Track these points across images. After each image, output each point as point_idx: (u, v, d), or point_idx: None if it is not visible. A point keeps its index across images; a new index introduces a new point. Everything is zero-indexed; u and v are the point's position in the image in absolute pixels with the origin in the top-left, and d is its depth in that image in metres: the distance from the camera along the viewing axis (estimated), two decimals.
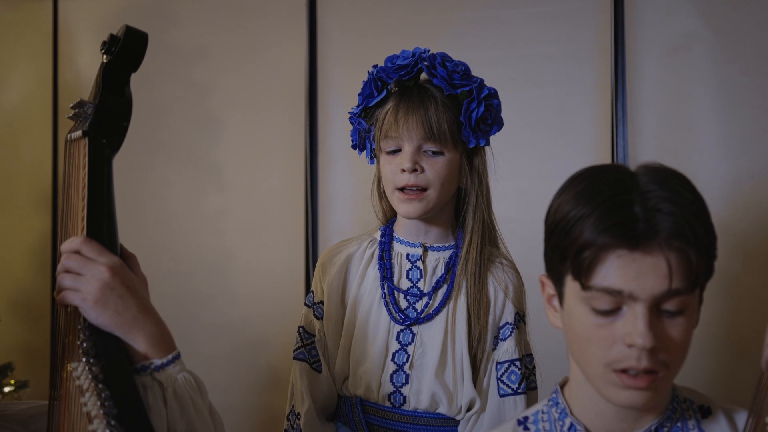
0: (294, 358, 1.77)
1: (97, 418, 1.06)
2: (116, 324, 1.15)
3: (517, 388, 1.65)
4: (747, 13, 2.61)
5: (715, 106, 2.65)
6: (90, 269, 1.16)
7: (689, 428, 1.17)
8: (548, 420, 1.22)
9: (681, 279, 1.05)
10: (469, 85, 1.66)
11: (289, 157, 3.03)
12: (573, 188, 1.13)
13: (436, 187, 1.65)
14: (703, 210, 1.09)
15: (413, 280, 1.72)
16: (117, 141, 1.26)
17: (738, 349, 2.52)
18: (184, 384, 1.18)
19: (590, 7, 2.75)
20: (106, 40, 1.26)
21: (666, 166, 1.12)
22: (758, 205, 2.58)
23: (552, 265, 1.17)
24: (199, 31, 3.14)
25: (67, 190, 1.25)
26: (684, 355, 1.09)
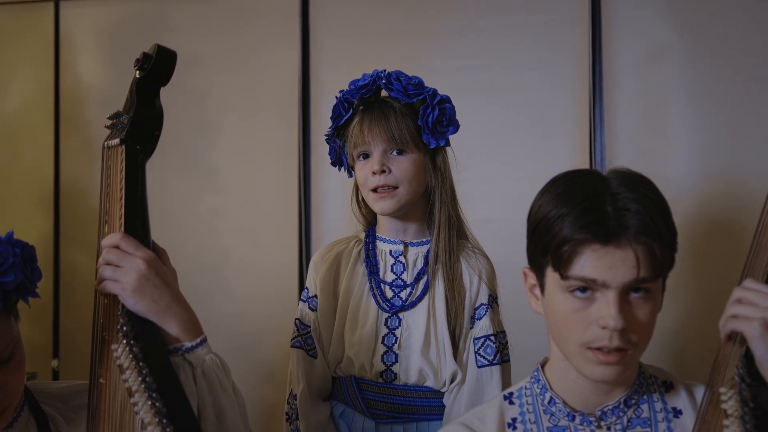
0: (291, 346, 1.94)
1: (138, 392, 1.20)
2: (152, 311, 1.29)
3: (493, 360, 1.83)
4: (716, 26, 2.75)
5: (686, 112, 2.79)
6: (128, 262, 1.30)
7: (654, 401, 1.33)
8: (531, 395, 1.37)
9: (647, 269, 1.20)
10: (422, 94, 1.85)
11: (282, 159, 3.13)
12: (553, 190, 1.28)
13: (404, 185, 1.83)
14: (666, 210, 1.25)
15: (397, 273, 1.89)
16: (150, 148, 1.40)
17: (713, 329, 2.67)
18: (212, 364, 1.32)
19: (569, 18, 2.87)
20: (140, 58, 1.40)
21: (633, 171, 1.29)
22: (725, 201, 2.73)
23: (534, 258, 1.32)
24: (194, 38, 3.22)
25: (106, 191, 1.39)
26: (649, 335, 1.24)
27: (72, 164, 3.35)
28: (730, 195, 2.71)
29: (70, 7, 3.37)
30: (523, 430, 1.33)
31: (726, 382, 1.17)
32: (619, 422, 1.29)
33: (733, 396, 1.14)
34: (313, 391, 1.92)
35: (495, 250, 2.00)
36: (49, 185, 3.37)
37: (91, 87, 3.35)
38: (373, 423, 1.87)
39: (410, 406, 1.86)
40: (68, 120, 3.36)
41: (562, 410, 1.32)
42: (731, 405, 1.13)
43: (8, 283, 1.20)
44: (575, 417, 1.31)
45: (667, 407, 1.32)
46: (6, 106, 3.43)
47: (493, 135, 2.90)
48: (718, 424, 1.13)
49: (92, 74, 3.35)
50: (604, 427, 1.29)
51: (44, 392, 1.41)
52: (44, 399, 1.39)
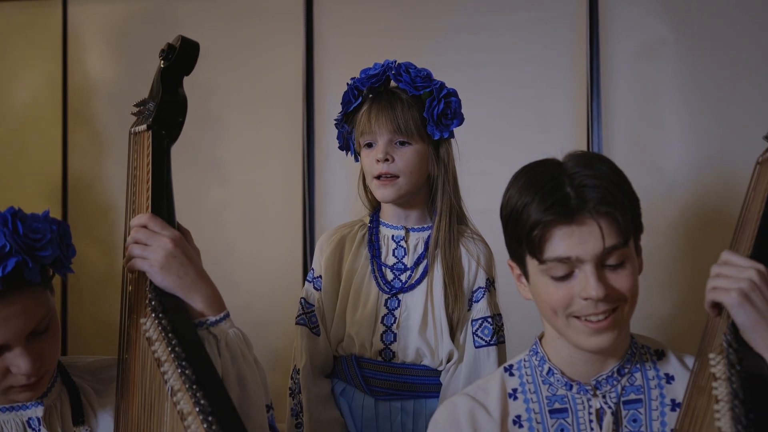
0: (296, 323, 2.03)
1: (167, 362, 1.28)
2: (178, 286, 1.38)
3: (490, 340, 1.91)
4: (709, 22, 2.84)
5: (680, 106, 2.88)
6: (156, 240, 1.38)
7: (647, 369, 1.41)
8: (530, 366, 1.45)
9: (613, 237, 1.28)
10: (430, 87, 1.92)
11: (287, 152, 3.21)
12: (516, 183, 1.38)
13: (406, 174, 1.90)
14: (622, 179, 1.33)
15: (398, 257, 1.97)
16: (175, 134, 1.48)
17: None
18: (235, 337, 1.40)
19: (567, 15, 2.96)
20: (164, 48, 1.47)
21: (587, 152, 1.37)
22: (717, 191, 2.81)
23: (513, 250, 1.41)
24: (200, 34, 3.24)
25: (133, 174, 1.47)
26: (635, 295, 1.33)
27: (80, 158, 3.42)
28: (723, 185, 2.80)
29: (77, 4, 3.44)
30: (523, 399, 1.42)
31: (714, 349, 1.25)
32: (614, 390, 1.38)
33: (721, 360, 1.21)
34: (316, 367, 2.00)
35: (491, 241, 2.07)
36: (57, 179, 3.43)
37: (98, 82, 3.42)
38: (372, 400, 1.95)
39: (408, 383, 1.94)
40: (76, 115, 3.43)
41: (560, 380, 1.40)
42: (719, 369, 1.21)
43: (46, 258, 1.28)
44: (572, 386, 1.39)
45: (659, 374, 1.40)
46: (15, 101, 3.49)
47: (493, 129, 2.97)
48: (707, 387, 1.21)
49: (99, 70, 3.43)
50: (599, 395, 1.38)
51: (74, 366, 1.49)
52: (75, 372, 1.47)
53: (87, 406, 1.43)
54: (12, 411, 1.38)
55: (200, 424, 1.19)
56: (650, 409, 1.37)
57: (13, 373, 1.30)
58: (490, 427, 1.39)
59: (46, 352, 1.33)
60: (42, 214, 1.31)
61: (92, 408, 1.44)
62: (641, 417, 1.37)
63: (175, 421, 1.24)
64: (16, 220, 1.24)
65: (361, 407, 1.96)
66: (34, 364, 1.29)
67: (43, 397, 1.39)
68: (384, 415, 1.94)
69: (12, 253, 1.23)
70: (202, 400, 1.20)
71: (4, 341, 1.26)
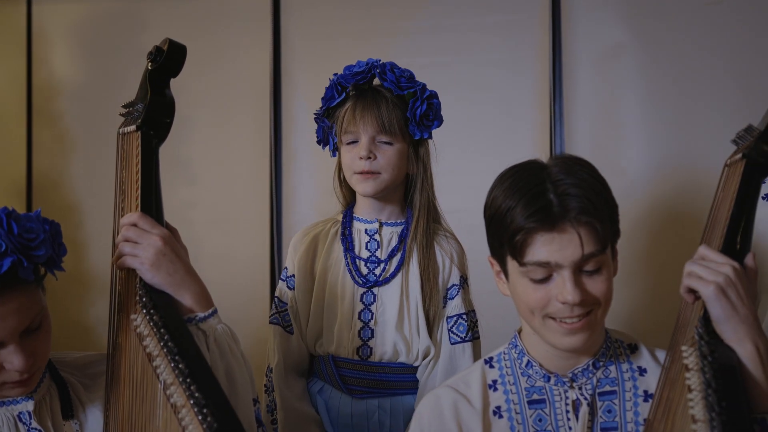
0: (270, 322, 2.06)
1: (159, 357, 1.32)
2: (168, 283, 1.41)
3: (465, 337, 1.96)
4: (668, 27, 2.91)
5: (641, 108, 2.95)
6: (146, 239, 1.42)
7: (621, 362, 1.48)
8: (509, 359, 1.51)
9: (592, 245, 1.34)
10: (413, 88, 1.97)
11: (254, 153, 3.22)
12: (501, 185, 1.43)
13: (387, 171, 1.95)
14: (603, 188, 1.39)
15: (371, 250, 2.01)
16: (163, 134, 1.52)
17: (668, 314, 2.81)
18: (223, 333, 1.44)
19: (530, 19, 3.02)
20: (152, 51, 1.51)
21: (573, 156, 1.44)
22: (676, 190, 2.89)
23: (494, 249, 1.47)
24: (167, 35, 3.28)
25: (121, 174, 1.50)
26: (609, 299, 1.39)
27: (44, 157, 3.41)
28: (682, 184, 2.88)
29: (42, 3, 3.42)
30: (503, 390, 1.47)
31: (686, 341, 1.32)
32: (590, 382, 1.44)
33: (693, 352, 1.28)
34: (288, 366, 2.02)
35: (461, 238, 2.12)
36: (21, 178, 3.41)
37: (63, 81, 3.41)
38: (349, 398, 1.98)
39: (384, 381, 1.98)
40: (40, 113, 3.41)
41: (538, 372, 1.46)
42: (692, 360, 1.27)
43: (40, 257, 1.30)
44: (550, 378, 1.45)
45: (632, 367, 1.47)
46: None
47: (459, 129, 3.02)
48: (680, 378, 1.28)
49: (64, 69, 3.42)
50: (576, 387, 1.44)
51: (62, 361, 1.51)
52: (62, 367, 1.50)
53: (75, 400, 1.46)
54: (2, 406, 1.40)
55: (194, 416, 1.22)
56: (624, 400, 1.44)
57: (7, 369, 1.32)
58: (472, 417, 1.45)
59: (39, 349, 1.35)
60: (34, 214, 1.33)
61: (81, 402, 1.47)
62: (615, 408, 1.43)
63: (168, 414, 1.27)
64: (10, 220, 1.27)
65: (338, 405, 1.99)
66: (27, 360, 1.32)
67: (33, 392, 1.41)
68: (361, 413, 1.98)
69: (8, 253, 1.25)
70: (196, 393, 1.23)
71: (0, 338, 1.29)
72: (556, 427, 1.43)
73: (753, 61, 2.84)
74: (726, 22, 2.87)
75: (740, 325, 1.28)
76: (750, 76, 2.84)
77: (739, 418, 1.15)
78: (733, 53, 2.86)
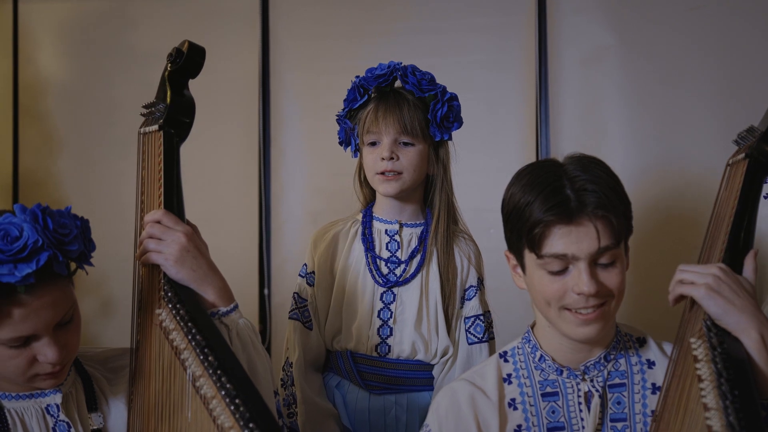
0: (289, 318, 2.09)
1: (186, 350, 1.35)
2: (191, 278, 1.45)
3: (482, 337, 2.01)
4: (652, 30, 2.98)
5: (623, 110, 3.02)
6: (170, 235, 1.45)
7: (630, 355, 1.53)
8: (523, 353, 1.56)
9: (607, 238, 1.40)
10: (434, 90, 2.00)
11: (243, 151, 3.26)
12: (519, 182, 1.48)
13: (409, 172, 1.98)
14: (618, 184, 1.45)
15: (392, 250, 2.04)
16: (184, 133, 1.56)
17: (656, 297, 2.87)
18: (245, 327, 1.48)
19: (517, 21, 3.07)
20: (172, 53, 1.54)
21: (585, 155, 1.49)
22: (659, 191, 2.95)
23: (512, 243, 1.52)
24: (156, 35, 3.30)
25: (143, 173, 1.53)
26: (622, 291, 1.45)
27: (31, 156, 3.41)
28: (666, 184, 2.94)
29: (29, 1, 3.43)
30: (517, 383, 1.52)
31: (694, 334, 1.37)
32: (601, 375, 1.50)
33: (702, 344, 1.34)
34: (308, 361, 2.05)
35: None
36: (7, 176, 3.42)
37: (50, 80, 3.42)
38: (367, 394, 2.02)
39: (402, 378, 2.01)
40: (27, 112, 3.42)
41: (551, 366, 1.51)
42: (701, 351, 1.32)
43: (73, 252, 1.33)
44: (563, 372, 1.50)
45: (642, 359, 1.53)
46: None
47: None
48: (690, 369, 1.33)
49: (51, 67, 3.42)
50: (588, 379, 1.50)
51: (85, 355, 1.54)
52: (85, 361, 1.52)
53: (99, 393, 1.49)
54: (31, 398, 1.42)
55: (225, 407, 1.26)
56: (633, 393, 1.50)
57: (40, 361, 1.35)
58: (488, 409, 1.49)
59: (70, 341, 1.39)
60: (65, 210, 1.36)
61: (104, 395, 1.50)
62: (625, 399, 1.49)
63: (197, 405, 1.31)
64: (45, 216, 1.30)
65: (356, 400, 2.02)
66: (60, 353, 1.35)
67: (61, 385, 1.44)
68: (378, 409, 2.01)
69: (44, 248, 1.28)
70: (227, 384, 1.27)
71: (34, 331, 1.32)
72: (569, 419, 1.48)
73: (735, 64, 2.91)
74: (709, 26, 2.94)
75: (740, 315, 1.33)
76: (732, 79, 2.91)
77: (751, 405, 1.20)
78: (715, 56, 2.93)
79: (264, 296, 3.23)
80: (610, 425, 1.48)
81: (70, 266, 1.37)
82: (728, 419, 1.18)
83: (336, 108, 2.09)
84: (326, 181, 3.19)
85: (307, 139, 3.24)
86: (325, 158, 3.18)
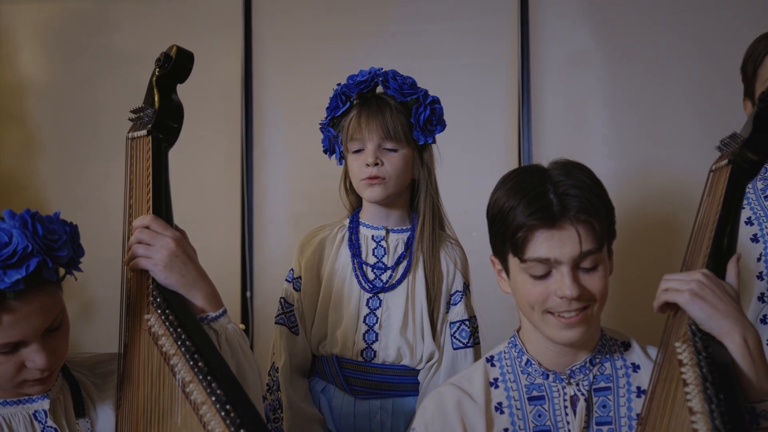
0: (276, 323, 2.08)
1: (176, 355, 1.35)
2: (180, 284, 1.45)
3: (467, 342, 2.01)
4: (633, 35, 3.02)
5: (605, 113, 3.05)
6: (159, 240, 1.45)
7: (615, 359, 1.55)
8: (509, 357, 1.57)
9: (590, 242, 1.42)
10: (416, 94, 2.00)
11: (226, 153, 3.25)
12: (504, 186, 1.50)
13: (393, 178, 1.98)
14: (601, 189, 1.47)
15: (378, 256, 2.04)
16: (172, 138, 1.56)
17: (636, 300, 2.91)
18: (233, 332, 1.48)
19: (500, 25, 3.10)
20: (160, 57, 1.54)
21: (570, 160, 1.51)
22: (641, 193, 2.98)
23: (496, 247, 1.53)
24: (137, 37, 3.29)
25: (131, 178, 1.53)
26: (605, 295, 1.46)
27: (11, 158, 3.39)
28: (646, 188, 2.97)
29: (9, 2, 3.40)
30: (504, 387, 1.54)
31: (679, 338, 1.39)
32: (586, 379, 1.51)
33: (687, 348, 1.35)
34: (294, 365, 2.05)
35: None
36: None
37: (30, 81, 3.40)
38: (352, 398, 2.02)
39: (387, 383, 2.01)
40: (7, 113, 3.40)
41: (537, 370, 1.53)
42: (686, 355, 1.34)
43: (62, 258, 1.33)
44: (549, 376, 1.52)
45: (626, 363, 1.54)
46: None
47: None
48: (675, 373, 1.35)
49: (32, 69, 3.40)
50: (573, 383, 1.51)
51: (72, 361, 1.54)
52: (73, 367, 1.52)
53: (87, 399, 1.49)
54: (19, 404, 1.42)
55: (216, 413, 1.26)
56: (618, 396, 1.51)
57: (29, 367, 1.35)
58: (475, 413, 1.51)
59: (59, 347, 1.39)
60: (54, 215, 1.36)
61: (92, 401, 1.50)
62: (610, 403, 1.51)
63: (187, 411, 1.31)
64: (35, 222, 1.30)
65: (341, 405, 2.02)
66: (49, 359, 1.35)
67: (48, 391, 1.44)
68: (363, 413, 2.01)
69: (33, 254, 1.28)
70: (217, 390, 1.27)
71: (23, 337, 1.32)
72: (555, 422, 1.50)
73: (716, 68, 2.94)
74: (690, 30, 2.98)
75: (724, 320, 1.35)
76: (714, 83, 2.95)
77: (736, 408, 1.22)
78: (696, 59, 2.98)
79: (246, 298, 3.22)
80: (596, 428, 1.49)
81: (59, 272, 1.37)
82: (714, 423, 1.20)
83: (319, 110, 2.09)
84: (309, 184, 3.20)
85: (290, 142, 3.24)
86: (308, 160, 3.18)
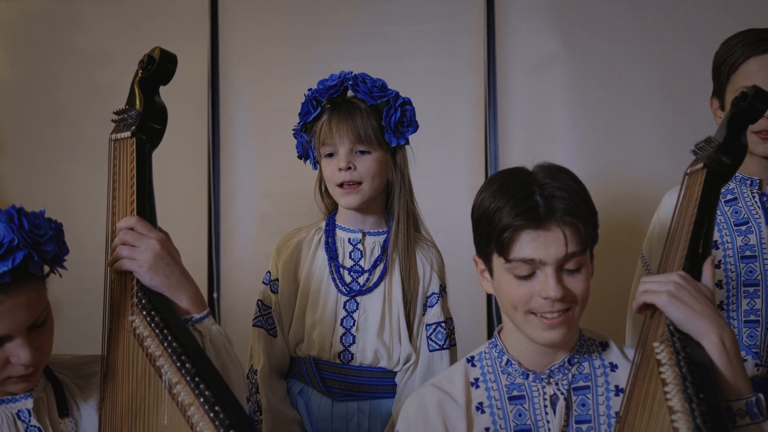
0: (253, 325, 2.08)
1: (162, 357, 1.35)
2: (165, 285, 1.45)
3: (443, 344, 2.03)
4: (597, 39, 3.05)
5: (570, 116, 3.08)
6: (143, 242, 1.45)
7: (593, 359, 1.58)
8: (490, 358, 1.60)
9: (575, 244, 1.45)
10: (386, 96, 2.02)
11: (192, 155, 3.23)
12: (490, 187, 1.52)
13: (368, 180, 1.99)
14: (585, 193, 1.51)
15: (355, 259, 2.05)
16: (156, 140, 1.56)
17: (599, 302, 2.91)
18: (218, 333, 1.49)
19: (466, 28, 3.11)
20: (143, 59, 1.54)
21: (555, 164, 1.54)
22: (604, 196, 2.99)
23: (481, 247, 1.56)
24: (103, 36, 3.25)
25: (114, 180, 1.53)
26: (586, 297, 1.49)
27: None
28: (610, 191, 3.01)
29: None
30: (485, 387, 1.56)
31: (657, 339, 1.42)
32: (565, 378, 1.54)
33: (665, 348, 1.38)
34: (273, 368, 2.05)
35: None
36: None
37: None
38: (329, 400, 2.03)
39: (364, 385, 2.03)
40: None
41: (517, 370, 1.55)
42: (664, 355, 1.37)
43: (48, 253, 1.33)
44: (529, 375, 1.55)
45: (605, 363, 1.57)
46: None
47: None
48: (654, 373, 1.38)
49: None
50: (553, 383, 1.54)
51: (55, 362, 1.53)
52: (56, 368, 1.52)
53: (70, 399, 1.49)
54: (2, 404, 1.42)
55: (204, 414, 1.26)
56: (597, 395, 1.54)
57: (13, 363, 1.35)
58: (456, 413, 1.53)
59: (44, 344, 1.39)
60: (40, 212, 1.36)
61: (75, 401, 1.50)
62: (589, 402, 1.54)
63: (174, 413, 1.31)
64: (21, 216, 1.31)
65: (318, 407, 2.03)
66: (33, 354, 1.35)
67: (32, 390, 1.43)
68: (341, 415, 2.02)
69: (20, 247, 1.29)
70: (205, 391, 1.27)
71: (8, 332, 1.32)
72: (535, 421, 1.52)
73: (677, 72, 2.98)
74: (652, 35, 3.01)
75: (700, 320, 1.38)
76: (674, 87, 2.98)
77: (716, 407, 1.25)
78: (658, 63, 3.01)
79: (213, 300, 3.21)
80: (575, 427, 1.52)
81: (44, 268, 1.36)
82: (695, 422, 1.23)
83: (286, 112, 2.10)
84: (276, 185, 3.19)
85: (257, 143, 3.23)
86: (275, 162, 3.17)
